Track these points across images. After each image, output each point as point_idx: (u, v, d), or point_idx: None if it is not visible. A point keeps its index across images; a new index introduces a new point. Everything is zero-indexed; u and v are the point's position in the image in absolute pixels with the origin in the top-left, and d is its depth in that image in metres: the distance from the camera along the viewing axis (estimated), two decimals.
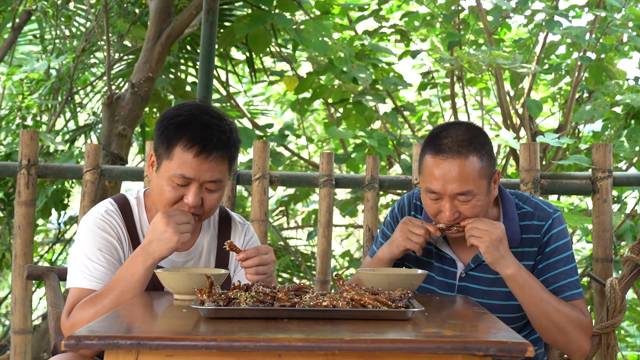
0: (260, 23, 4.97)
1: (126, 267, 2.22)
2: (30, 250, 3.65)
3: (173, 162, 2.27)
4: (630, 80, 4.93)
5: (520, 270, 2.32)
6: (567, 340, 2.38)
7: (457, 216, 2.36)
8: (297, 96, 5.61)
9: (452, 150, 2.32)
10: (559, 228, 2.45)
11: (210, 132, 2.28)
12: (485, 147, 2.36)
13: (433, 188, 2.34)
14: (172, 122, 2.31)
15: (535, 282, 2.34)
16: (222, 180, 2.32)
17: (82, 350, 1.56)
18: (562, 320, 2.35)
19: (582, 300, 2.44)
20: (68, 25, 5.72)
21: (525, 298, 2.33)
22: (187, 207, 2.28)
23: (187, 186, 2.28)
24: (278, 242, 5.75)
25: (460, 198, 2.33)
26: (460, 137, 2.34)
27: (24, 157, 3.65)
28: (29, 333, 3.65)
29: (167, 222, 2.19)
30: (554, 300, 2.35)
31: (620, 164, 5.00)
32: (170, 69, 5.78)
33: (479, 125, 2.46)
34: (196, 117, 2.30)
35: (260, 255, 2.21)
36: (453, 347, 1.55)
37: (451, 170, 2.31)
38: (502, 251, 2.30)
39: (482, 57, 4.53)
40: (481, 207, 2.36)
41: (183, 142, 2.27)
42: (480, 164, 2.33)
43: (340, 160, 5.01)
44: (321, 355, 1.58)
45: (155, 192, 2.32)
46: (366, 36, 5.42)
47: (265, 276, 2.22)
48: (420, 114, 6.48)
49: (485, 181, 2.35)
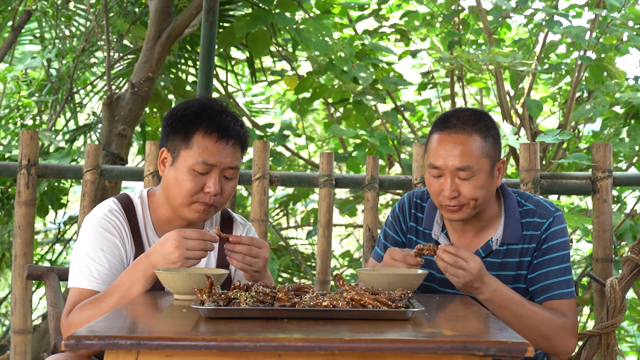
0: (260, 22, 4.97)
1: (127, 273, 2.22)
2: (30, 250, 3.65)
3: (193, 150, 2.29)
4: (630, 79, 4.94)
5: (495, 292, 2.31)
6: (551, 345, 2.40)
7: (456, 194, 2.37)
8: (297, 96, 5.61)
9: (456, 127, 2.38)
10: (559, 227, 2.47)
11: (226, 118, 2.32)
12: (490, 130, 2.40)
13: (435, 163, 2.38)
14: (186, 112, 2.33)
15: (513, 299, 2.34)
16: (239, 168, 2.36)
17: (82, 350, 1.56)
18: (544, 329, 2.37)
19: (571, 300, 2.45)
20: (68, 25, 5.72)
21: (506, 317, 2.33)
22: (209, 197, 2.29)
23: (207, 174, 2.30)
24: (278, 242, 5.75)
25: (460, 174, 2.35)
26: (466, 117, 2.40)
27: (24, 157, 3.65)
28: (29, 333, 3.65)
29: (177, 245, 2.14)
30: (536, 312, 2.37)
31: (620, 164, 5.00)
32: (171, 68, 5.79)
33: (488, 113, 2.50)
34: (209, 106, 2.34)
35: (253, 246, 2.21)
36: (453, 347, 1.55)
37: (454, 145, 2.36)
38: (476, 285, 2.30)
39: (482, 56, 4.53)
40: (482, 189, 2.37)
41: (202, 129, 2.29)
42: (483, 143, 2.37)
43: (340, 159, 5.01)
44: (321, 355, 1.58)
45: (173, 185, 2.31)
46: (366, 35, 5.42)
47: (251, 269, 2.21)
48: (420, 113, 6.48)
49: (487, 161, 2.37)
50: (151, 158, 3.64)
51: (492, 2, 5.06)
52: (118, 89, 5.67)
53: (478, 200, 2.38)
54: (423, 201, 2.61)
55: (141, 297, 2.15)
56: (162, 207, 2.39)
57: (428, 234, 2.57)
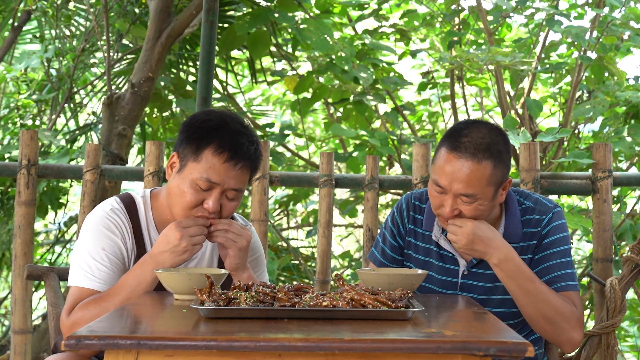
0: (260, 21, 4.97)
1: (133, 273, 2.23)
2: (30, 250, 3.65)
3: (200, 164, 2.27)
4: (630, 79, 4.94)
5: (505, 260, 2.33)
6: (556, 331, 2.37)
7: (457, 213, 2.36)
8: (297, 96, 5.61)
9: (467, 151, 2.30)
10: (559, 222, 2.46)
11: (240, 140, 2.30)
12: (502, 155, 2.34)
13: (440, 182, 2.34)
14: (203, 125, 2.31)
15: (524, 272, 2.35)
16: (243, 190, 2.34)
17: (82, 350, 1.56)
18: (550, 311, 2.34)
19: (576, 292, 2.44)
20: (68, 25, 5.72)
21: (512, 289, 2.35)
22: (206, 213, 2.29)
23: (209, 191, 2.29)
24: (278, 242, 5.75)
25: (463, 199, 2.33)
26: (480, 139, 2.32)
27: (24, 157, 3.65)
28: (29, 333, 3.65)
29: (182, 235, 2.21)
30: (544, 292, 2.35)
31: (620, 164, 5.00)
32: (171, 68, 5.79)
33: (504, 130, 2.44)
34: (227, 123, 2.32)
35: (234, 225, 2.28)
36: (453, 347, 1.55)
37: (461, 170, 2.30)
38: (477, 248, 2.33)
39: (482, 56, 4.53)
40: (482, 211, 2.36)
41: (214, 146, 2.28)
42: (492, 171, 2.32)
43: (340, 159, 5.00)
44: (321, 355, 1.58)
45: (175, 193, 2.31)
46: (366, 35, 5.41)
47: (235, 245, 2.27)
48: (420, 114, 6.48)
49: (492, 188, 2.34)
50: (151, 158, 3.64)
51: (492, 2, 5.06)
52: (118, 89, 5.67)
53: (477, 218, 2.38)
54: (422, 202, 2.60)
55: (141, 297, 2.16)
56: (167, 210, 2.39)
57: (428, 235, 2.56)
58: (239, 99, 6.90)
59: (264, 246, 3.40)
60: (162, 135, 5.94)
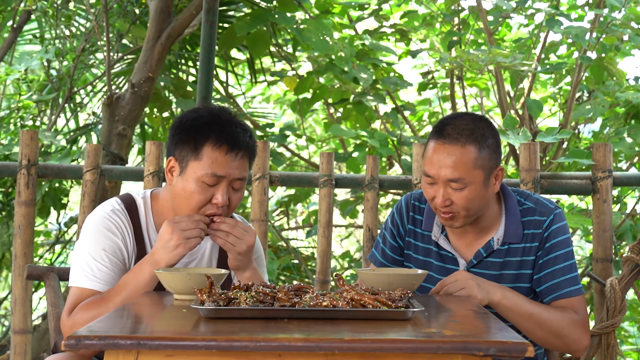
0: (260, 21, 4.97)
1: (133, 273, 2.23)
2: (30, 250, 3.65)
3: (202, 161, 2.28)
4: (630, 80, 4.94)
5: (505, 293, 2.34)
6: (565, 343, 2.41)
7: (449, 203, 2.37)
8: (297, 97, 5.62)
9: (451, 137, 2.36)
10: (560, 224, 2.46)
11: (235, 130, 2.31)
12: (487, 139, 2.38)
13: (428, 171, 2.38)
14: (195, 123, 2.32)
15: (521, 298, 2.37)
16: (246, 178, 2.36)
17: (82, 350, 1.56)
18: (556, 327, 2.37)
19: (580, 297, 2.45)
20: (68, 25, 5.72)
21: (516, 318, 2.36)
22: (216, 208, 2.29)
23: (216, 186, 2.29)
24: (278, 242, 5.75)
25: (452, 185, 2.35)
26: (462, 126, 2.37)
27: (24, 157, 3.65)
28: (29, 333, 3.65)
29: (172, 229, 2.21)
30: (543, 310, 2.38)
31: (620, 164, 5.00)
32: (171, 68, 5.78)
33: (489, 119, 2.47)
34: (218, 116, 2.33)
35: (237, 227, 2.27)
36: (453, 347, 1.55)
37: (446, 156, 2.35)
38: (485, 286, 2.32)
39: (482, 56, 4.53)
40: (474, 199, 2.37)
41: (212, 141, 2.28)
42: (477, 154, 2.35)
43: (340, 159, 5.00)
44: (321, 355, 1.58)
45: (182, 196, 2.31)
46: (366, 35, 5.41)
47: (234, 249, 2.26)
48: (420, 114, 6.48)
49: (481, 172, 2.36)
50: (151, 158, 3.64)
51: (492, 2, 5.06)
52: (118, 89, 5.67)
53: (471, 210, 2.38)
54: (421, 203, 2.60)
55: (141, 297, 2.16)
56: (168, 212, 2.39)
57: (427, 235, 2.56)
58: (239, 99, 6.90)
59: (263, 246, 3.40)
60: (162, 135, 5.94)
